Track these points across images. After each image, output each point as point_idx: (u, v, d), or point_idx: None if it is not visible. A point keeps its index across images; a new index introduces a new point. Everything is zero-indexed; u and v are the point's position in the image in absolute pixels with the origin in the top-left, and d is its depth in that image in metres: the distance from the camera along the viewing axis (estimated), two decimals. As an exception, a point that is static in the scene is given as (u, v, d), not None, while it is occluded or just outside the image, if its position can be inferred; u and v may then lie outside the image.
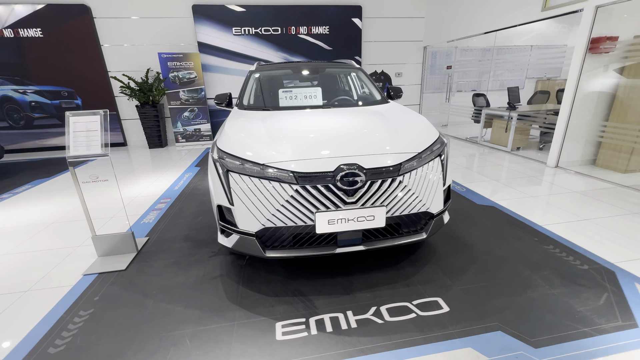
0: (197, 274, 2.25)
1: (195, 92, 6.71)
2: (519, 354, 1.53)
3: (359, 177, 1.75)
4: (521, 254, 2.37)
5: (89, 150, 2.25)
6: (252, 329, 1.74)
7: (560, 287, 1.99)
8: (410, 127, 2.16)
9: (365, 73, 3.43)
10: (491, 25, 5.44)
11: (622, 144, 4.15)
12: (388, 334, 1.67)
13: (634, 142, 4.03)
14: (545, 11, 4.36)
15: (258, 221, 1.79)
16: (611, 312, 1.77)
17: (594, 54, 3.94)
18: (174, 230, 2.95)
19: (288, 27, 6.95)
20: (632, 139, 4.04)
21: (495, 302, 1.88)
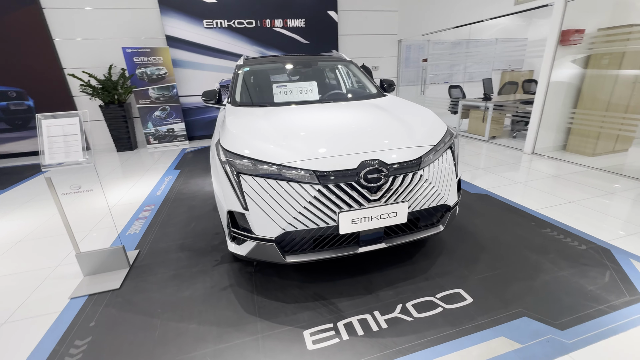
0: (203, 286, 2.08)
1: (166, 90, 6.27)
2: (548, 337, 1.57)
3: (383, 172, 1.69)
4: (524, 239, 2.47)
5: (68, 156, 1.97)
6: (280, 341, 1.63)
7: (568, 269, 2.08)
8: (421, 119, 2.13)
9: (357, 66, 3.37)
10: (466, 19, 5.61)
11: (589, 130, 4.48)
12: (421, 331, 1.65)
13: (599, 127, 4.38)
14: (518, 5, 4.56)
15: (278, 225, 1.68)
16: (618, 288, 1.89)
17: (564, 45, 4.20)
18: (166, 240, 2.72)
19: (263, 20, 6.69)
20: (598, 125, 4.38)
21: (513, 288, 1.93)
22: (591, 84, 4.41)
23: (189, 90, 6.70)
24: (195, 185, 4.06)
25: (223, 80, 6.88)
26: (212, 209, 3.31)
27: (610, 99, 4.24)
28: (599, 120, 4.37)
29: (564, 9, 3.99)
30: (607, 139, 4.45)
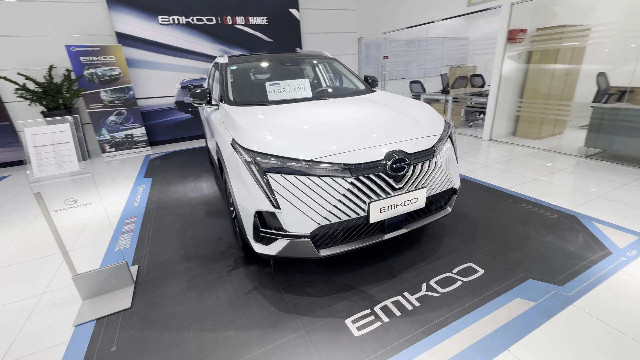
0: (225, 293, 2.01)
1: (122, 92, 5.73)
2: (553, 293, 1.83)
3: (406, 162, 1.80)
4: (507, 214, 2.79)
5: (61, 167, 1.76)
6: (325, 333, 1.66)
7: (550, 235, 2.43)
8: (422, 112, 2.29)
9: (341, 63, 3.46)
10: (423, 18, 6.03)
11: (534, 117, 5.16)
12: (450, 304, 1.80)
13: (542, 114, 5.06)
14: (471, 6, 5.04)
15: (313, 220, 1.70)
16: (591, 246, 2.26)
17: (511, 43, 4.76)
18: (166, 251, 2.54)
19: (223, 17, 6.44)
20: (540, 112, 5.06)
21: (513, 256, 2.20)
22: (533, 76, 5.07)
23: (148, 92, 6.21)
24: (176, 192, 3.81)
25: (184, 80, 6.51)
26: (205, 214, 3.16)
27: (549, 89, 4.92)
28: (541, 108, 5.05)
29: (510, 11, 4.52)
30: (548, 124, 5.16)
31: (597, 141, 4.03)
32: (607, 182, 3.35)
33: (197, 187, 3.93)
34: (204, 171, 4.56)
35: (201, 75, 6.58)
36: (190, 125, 6.80)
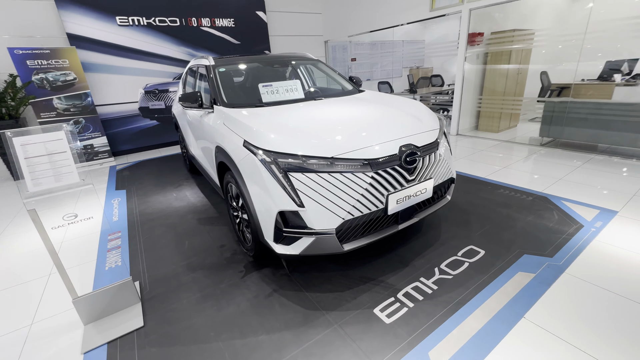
0: (245, 298, 1.97)
1: (78, 99, 5.22)
2: (547, 264, 2.07)
3: (417, 155, 1.92)
4: (490, 199, 3.07)
5: (60, 180, 1.60)
6: (358, 324, 1.71)
7: (530, 215, 2.72)
8: (417, 109, 2.44)
9: (325, 64, 3.53)
10: (389, 22, 6.34)
11: (492, 112, 5.69)
12: (463, 284, 1.95)
13: (500, 109, 5.60)
14: (433, 11, 5.43)
15: (338, 216, 1.74)
16: (566, 222, 2.57)
17: (471, 45, 5.21)
18: (166, 264, 2.40)
19: (188, 18, 6.17)
20: (498, 107, 5.60)
21: (505, 236, 2.43)
22: (490, 75, 5.60)
23: (108, 98, 5.73)
24: (158, 203, 3.58)
25: (148, 85, 6.12)
26: (198, 223, 3.03)
27: (504, 87, 5.47)
28: (498, 104, 5.59)
29: (469, 16, 4.95)
30: (505, 118, 5.73)
31: (549, 131, 4.56)
32: (563, 166, 3.82)
33: (181, 196, 3.73)
34: (183, 179, 4.34)
35: (167, 79, 6.24)
36: (156, 133, 6.41)
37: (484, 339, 1.56)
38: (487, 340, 1.56)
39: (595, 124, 4.13)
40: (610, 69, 5.83)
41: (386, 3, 6.21)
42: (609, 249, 2.19)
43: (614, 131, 3.99)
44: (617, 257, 2.10)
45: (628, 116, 3.88)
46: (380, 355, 1.52)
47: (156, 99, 6.25)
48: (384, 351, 1.53)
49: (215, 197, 3.63)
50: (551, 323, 1.63)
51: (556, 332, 1.57)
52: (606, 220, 2.54)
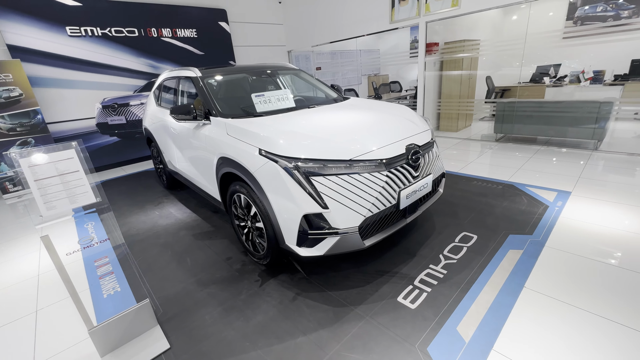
0: (271, 306, 1.98)
1: (26, 117, 4.68)
2: (530, 241, 2.39)
3: (420, 153, 2.12)
4: (468, 190, 3.42)
5: (75, 202, 1.50)
6: (387, 313, 1.83)
7: (505, 201, 3.09)
8: (408, 112, 2.67)
9: (307, 73, 3.66)
10: (351, 32, 6.69)
11: (451, 113, 6.27)
12: (468, 265, 2.18)
13: (456, 111, 6.20)
14: (393, 23, 5.87)
15: (360, 214, 1.85)
16: (534, 204, 2.98)
17: (429, 54, 5.73)
18: (173, 283, 2.29)
19: (147, 29, 5.90)
20: (455, 109, 6.20)
21: (490, 221, 2.74)
22: (446, 81, 6.19)
23: (61, 115, 5.21)
24: (141, 223, 3.37)
25: (106, 99, 5.70)
26: (194, 238, 2.93)
27: (459, 91, 6.08)
28: (455, 106, 6.19)
29: (426, 28, 5.46)
30: (461, 118, 6.35)
31: (502, 128, 5.18)
32: (519, 157, 4.38)
33: (165, 214, 3.55)
34: (162, 196, 4.12)
35: (127, 92, 5.87)
36: (118, 150, 5.96)
37: (498, 310, 1.78)
38: (501, 310, 1.77)
39: (538, 120, 4.80)
40: (541, 73, 6.80)
41: (349, 15, 6.56)
42: (573, 223, 2.59)
43: (551, 125, 4.68)
44: (581, 229, 2.50)
45: (559, 112, 4.58)
46: (415, 337, 1.65)
47: (116, 113, 5.84)
48: (417, 334, 1.67)
49: (204, 211, 3.52)
50: (547, 288, 1.91)
51: (553, 295, 1.85)
52: (564, 199, 3.00)
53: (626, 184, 3.24)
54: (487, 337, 1.61)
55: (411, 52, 9.51)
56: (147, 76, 6.04)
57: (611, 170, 3.65)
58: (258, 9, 7.61)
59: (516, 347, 1.55)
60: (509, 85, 7.05)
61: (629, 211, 2.70)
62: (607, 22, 7.06)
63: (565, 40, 6.88)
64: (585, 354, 1.49)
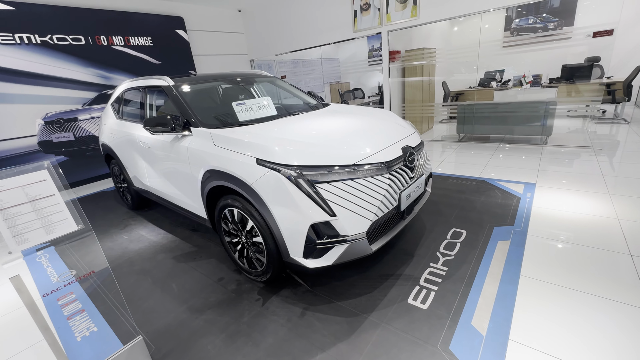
0: (279, 324, 1.85)
1: (-53, 138, 3.97)
2: (514, 231, 2.56)
3: (414, 154, 2.16)
4: (447, 188, 3.58)
5: (52, 232, 1.26)
6: (401, 317, 1.81)
7: (481, 196, 3.29)
8: (394, 116, 2.72)
9: (283, 80, 3.59)
10: (315, 41, 6.76)
11: (415, 116, 6.60)
12: (465, 260, 2.26)
13: (420, 114, 6.54)
14: (357, 32, 6.05)
15: (367, 219, 1.82)
16: (507, 197, 3.21)
17: (392, 62, 5.99)
18: (161, 315, 2.05)
19: (95, 37, 5.39)
20: (418, 113, 6.54)
21: (474, 216, 2.88)
22: (409, 86, 6.51)
23: (-7, 133, 4.51)
24: (109, 250, 2.99)
25: (49, 114, 5.07)
26: (175, 261, 2.67)
27: (421, 95, 6.44)
28: (418, 110, 6.53)
29: (388, 37, 5.72)
30: (425, 121, 6.71)
31: (463, 129, 5.57)
32: (482, 155, 4.72)
33: (136, 237, 3.21)
34: (128, 218, 3.73)
35: (74, 106, 5.28)
36: (67, 170, 5.29)
37: (504, 300, 1.85)
38: (506, 300, 1.85)
39: (494, 121, 5.24)
40: (488, 78, 7.47)
41: (312, 24, 6.63)
42: (545, 211, 2.83)
43: (506, 125, 5.14)
44: (553, 216, 2.74)
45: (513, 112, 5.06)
46: (435, 338, 1.65)
47: (62, 129, 5.21)
48: (436, 334, 1.67)
49: (181, 230, 3.24)
50: (541, 274, 2.03)
51: (548, 280, 1.98)
52: (532, 190, 3.27)
53: (578, 173, 3.64)
54: (501, 328, 1.66)
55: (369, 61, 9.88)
56: (98, 88, 5.50)
57: (562, 162, 4.08)
58: (217, 17, 7.38)
59: (530, 334, 1.61)
60: (462, 90, 7.63)
61: (587, 197, 3.02)
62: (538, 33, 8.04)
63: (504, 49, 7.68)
64: (589, 331, 1.59)
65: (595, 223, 2.57)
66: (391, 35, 5.77)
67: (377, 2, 5.60)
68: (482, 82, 7.56)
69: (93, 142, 5.53)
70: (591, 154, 4.26)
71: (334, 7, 6.19)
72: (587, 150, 4.41)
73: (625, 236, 2.34)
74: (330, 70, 11.30)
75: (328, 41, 6.58)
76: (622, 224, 2.49)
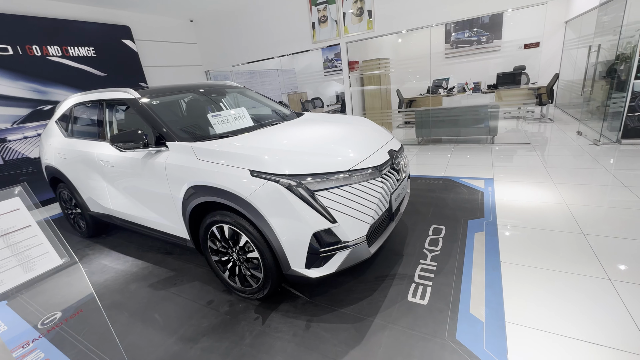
0: (285, 341, 1.78)
1: None
2: (486, 222, 2.79)
3: (399, 157, 2.26)
4: (418, 189, 3.79)
5: (31, 269, 1.08)
6: (404, 315, 1.85)
7: (450, 193, 3.54)
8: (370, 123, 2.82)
9: (254, 91, 3.53)
10: (274, 52, 6.77)
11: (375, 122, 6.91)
12: (450, 253, 2.40)
13: (380, 120, 6.87)
14: (315, 43, 6.20)
15: (365, 222, 1.85)
16: (472, 192, 3.50)
17: (351, 71, 6.23)
18: (148, 350, 1.84)
19: (26, 46, 4.77)
20: (379, 119, 6.86)
21: (448, 212, 3.09)
22: (368, 94, 6.82)
23: None
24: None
25: (-31, 135, 4.33)
26: (152, 289, 2.43)
27: (380, 102, 6.78)
28: (378, 116, 6.85)
29: (347, 48, 5.95)
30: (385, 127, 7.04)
31: (422, 132, 5.97)
32: (441, 155, 5.10)
33: (98, 268, 2.85)
34: (84, 247, 3.31)
35: (2, 125, 4.57)
36: (-6, 200, 4.54)
37: (492, 286, 2.00)
38: (494, 286, 2.00)
39: (448, 124, 5.71)
40: (436, 86, 8.15)
41: (270, 35, 6.64)
42: (508, 202, 3.14)
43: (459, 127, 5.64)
44: (515, 206, 3.05)
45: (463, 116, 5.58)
46: (441, 330, 1.72)
47: (-14, 153, 4.48)
48: (441, 326, 1.74)
49: (152, 254, 2.96)
50: (517, 258, 2.25)
51: (524, 263, 2.19)
52: (492, 185, 3.62)
53: (525, 166, 4.12)
54: (496, 312, 1.79)
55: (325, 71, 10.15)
56: (32, 103, 4.85)
57: (510, 158, 4.58)
58: (168, 27, 7.03)
59: (521, 314, 1.76)
60: (414, 97, 8.21)
61: (538, 187, 3.43)
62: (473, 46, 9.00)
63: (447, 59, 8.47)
64: (567, 305, 1.79)
65: (549, 209, 2.92)
66: (350, 47, 6.01)
67: (334, 15, 5.82)
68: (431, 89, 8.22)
69: (28, 165, 4.84)
70: (531, 149, 4.85)
71: (292, 19, 6.29)
72: (528, 147, 5.01)
73: (575, 218, 2.70)
74: (287, 80, 11.38)
75: (287, 52, 6.64)
76: (570, 208, 2.87)
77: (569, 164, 4.05)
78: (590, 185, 3.35)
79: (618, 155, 4.17)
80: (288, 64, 11.25)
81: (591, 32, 5.62)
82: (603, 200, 3.00)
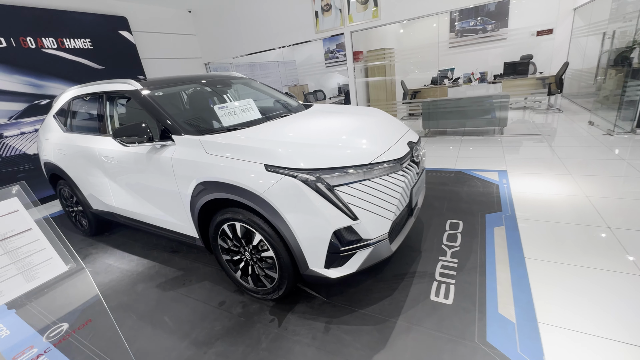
0: (304, 345, 1.69)
1: None
2: (504, 216, 2.69)
3: (419, 149, 2.14)
4: (430, 182, 3.67)
5: (33, 278, 0.97)
6: (428, 316, 1.76)
7: (464, 186, 3.43)
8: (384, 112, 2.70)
9: (261, 82, 3.39)
10: (276, 43, 6.58)
11: (380, 115, 6.77)
12: (470, 249, 2.30)
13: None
14: (319, 33, 6.01)
15: (387, 219, 1.74)
16: (487, 185, 3.39)
17: (356, 61, 6.06)
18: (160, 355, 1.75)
19: (20, 38, 4.59)
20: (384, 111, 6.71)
21: (464, 206, 2.98)
22: (373, 85, 6.66)
23: None
24: (70, 286, 2.52)
25: (-36, 131, 4.18)
26: (161, 290, 2.34)
27: (385, 94, 6.62)
28: (383, 107, 6.69)
29: (351, 38, 5.77)
30: (389, 119, 6.91)
31: (429, 124, 5.83)
32: (450, 147, 4.97)
33: (102, 268, 2.75)
34: (87, 246, 3.20)
35: (-2, 121, 4.43)
36: (-8, 198, 4.42)
37: (519, 284, 1.91)
38: (521, 283, 1.91)
39: (456, 115, 5.57)
40: (441, 76, 7.97)
41: (272, 25, 6.45)
42: (524, 195, 3.04)
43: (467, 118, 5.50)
44: (532, 199, 2.94)
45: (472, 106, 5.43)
46: (470, 332, 1.62)
47: (-18, 150, 4.34)
48: (469, 328, 1.65)
49: (157, 253, 2.86)
50: (541, 254, 2.15)
51: (549, 259, 2.09)
52: (506, 177, 3.51)
53: (539, 158, 4.00)
54: (527, 312, 1.70)
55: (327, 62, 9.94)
56: (28, 98, 4.70)
57: (521, 149, 4.46)
58: (166, 17, 6.82)
59: (554, 314, 1.67)
60: (419, 88, 8.04)
61: (554, 179, 3.32)
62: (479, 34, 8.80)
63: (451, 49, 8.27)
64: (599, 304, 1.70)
65: (569, 202, 2.81)
66: (355, 36, 5.83)
67: (338, 3, 5.63)
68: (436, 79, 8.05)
69: (26, 161, 4.71)
70: (542, 140, 4.73)
71: (293, 8, 6.09)
72: (539, 138, 4.89)
73: (598, 211, 2.59)
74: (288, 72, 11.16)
75: (289, 42, 6.45)
76: (592, 200, 2.77)
77: (583, 154, 3.94)
78: (610, 177, 3.24)
79: (633, 145, 4.05)
80: (289, 56, 11.03)
81: (603, 19, 5.45)
82: (625, 192, 2.89)
